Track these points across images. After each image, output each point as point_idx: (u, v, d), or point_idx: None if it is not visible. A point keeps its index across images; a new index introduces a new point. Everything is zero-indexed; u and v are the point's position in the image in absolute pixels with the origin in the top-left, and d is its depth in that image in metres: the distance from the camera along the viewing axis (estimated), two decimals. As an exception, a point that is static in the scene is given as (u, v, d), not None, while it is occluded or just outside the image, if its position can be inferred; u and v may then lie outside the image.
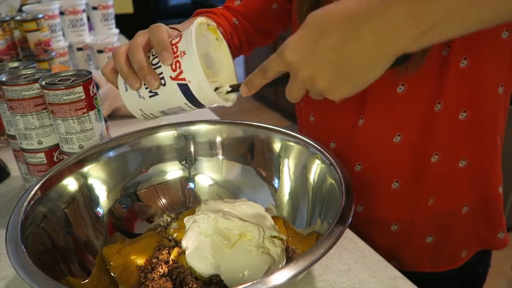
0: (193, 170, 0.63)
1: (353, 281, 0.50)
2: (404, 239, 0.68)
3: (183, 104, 0.47)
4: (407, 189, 0.65)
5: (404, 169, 0.64)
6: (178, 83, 0.44)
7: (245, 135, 0.62)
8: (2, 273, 0.54)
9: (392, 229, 0.68)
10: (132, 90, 0.49)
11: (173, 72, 0.44)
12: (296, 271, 0.35)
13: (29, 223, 0.44)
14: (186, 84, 0.44)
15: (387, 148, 0.63)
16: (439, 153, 0.62)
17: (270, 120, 3.12)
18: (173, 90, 0.45)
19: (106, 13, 1.32)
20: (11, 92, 0.59)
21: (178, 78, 0.44)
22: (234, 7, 0.73)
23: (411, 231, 0.68)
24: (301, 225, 0.54)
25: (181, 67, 0.44)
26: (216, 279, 0.47)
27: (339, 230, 0.39)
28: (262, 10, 0.72)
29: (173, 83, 0.45)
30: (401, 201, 0.66)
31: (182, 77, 0.44)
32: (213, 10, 0.72)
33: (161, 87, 0.46)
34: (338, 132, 0.67)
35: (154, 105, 0.48)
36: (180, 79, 0.44)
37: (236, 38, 0.72)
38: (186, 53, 0.44)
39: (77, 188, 0.53)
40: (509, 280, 1.62)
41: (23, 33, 1.00)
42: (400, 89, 0.58)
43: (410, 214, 0.66)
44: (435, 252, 0.69)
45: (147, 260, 0.51)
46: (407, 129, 0.61)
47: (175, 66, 0.44)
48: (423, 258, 0.69)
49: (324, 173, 0.52)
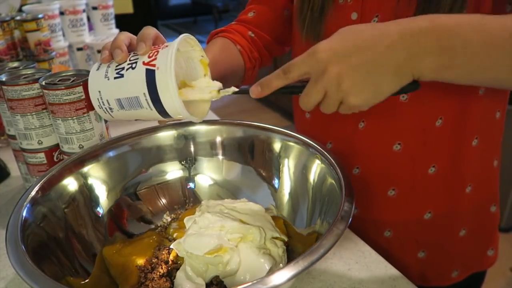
0: (193, 170, 0.63)
1: (353, 281, 0.50)
2: (396, 246, 0.68)
3: (142, 99, 0.46)
4: (404, 198, 0.64)
5: (401, 178, 0.64)
6: (147, 68, 0.45)
7: (245, 135, 0.62)
8: (2, 273, 0.54)
9: (385, 235, 0.68)
10: (102, 70, 0.49)
11: (148, 59, 0.46)
12: (296, 271, 0.35)
13: (29, 223, 0.44)
14: (153, 71, 0.45)
15: (386, 155, 0.62)
16: (436, 165, 0.62)
17: (270, 120, 3.12)
18: (139, 75, 0.46)
19: (106, 13, 1.32)
20: (11, 92, 0.59)
21: (149, 63, 0.45)
22: (248, 20, 0.73)
23: (404, 240, 0.67)
24: (301, 225, 0.54)
25: (157, 55, 0.45)
26: (216, 280, 0.47)
27: (339, 230, 0.39)
28: (275, 18, 0.72)
29: (142, 68, 0.46)
30: (396, 209, 0.66)
31: (153, 63, 0.45)
32: (227, 28, 0.72)
33: (129, 71, 0.46)
34: (336, 133, 0.67)
35: (114, 89, 0.48)
36: (151, 65, 0.45)
37: (256, 51, 0.72)
38: (168, 47, 0.46)
39: (77, 188, 0.53)
40: (508, 280, 1.62)
41: (23, 33, 1.00)
42: (403, 97, 0.58)
43: (404, 223, 0.66)
44: (426, 268, 0.69)
45: (147, 260, 0.51)
46: (408, 139, 0.61)
47: (152, 54, 0.46)
48: (413, 271, 0.69)
49: (324, 173, 0.52)
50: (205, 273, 0.47)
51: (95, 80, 0.49)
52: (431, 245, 0.67)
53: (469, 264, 0.71)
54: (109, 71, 0.48)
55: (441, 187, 0.63)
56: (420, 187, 0.63)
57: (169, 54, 0.44)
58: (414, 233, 0.67)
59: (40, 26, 1.00)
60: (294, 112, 0.79)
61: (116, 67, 0.47)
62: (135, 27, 0.64)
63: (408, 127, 0.60)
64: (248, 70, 0.71)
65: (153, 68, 0.45)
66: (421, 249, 0.67)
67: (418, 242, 0.67)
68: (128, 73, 0.46)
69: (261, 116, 3.24)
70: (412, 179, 0.63)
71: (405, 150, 0.61)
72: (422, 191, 0.64)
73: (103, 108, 0.50)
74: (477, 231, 0.68)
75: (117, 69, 0.47)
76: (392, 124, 0.61)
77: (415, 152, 0.61)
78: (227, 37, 0.70)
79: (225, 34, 0.70)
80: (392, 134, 0.62)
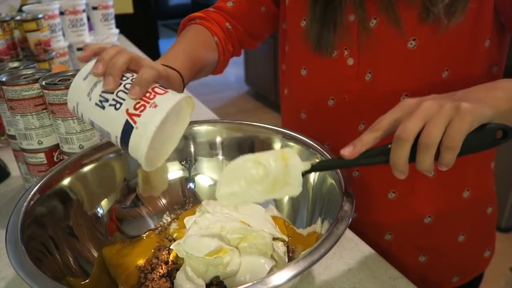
0: (193, 170, 0.63)
1: (353, 281, 0.50)
2: (397, 249, 0.68)
3: (113, 135, 0.45)
4: (404, 201, 0.64)
5: (401, 180, 0.63)
6: (128, 119, 0.43)
7: (245, 135, 0.62)
8: (2, 273, 0.54)
9: (385, 238, 0.68)
10: (87, 84, 0.46)
11: (133, 110, 0.43)
12: (296, 271, 0.35)
13: (29, 223, 0.44)
14: (132, 127, 0.43)
15: None
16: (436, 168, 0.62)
17: (270, 120, 3.12)
18: (119, 120, 0.44)
19: (106, 13, 1.32)
20: (11, 92, 0.59)
21: (131, 116, 0.43)
22: (226, 9, 0.72)
23: (405, 244, 0.67)
24: (301, 225, 0.54)
25: (142, 112, 0.43)
26: (217, 280, 0.47)
27: (339, 230, 0.39)
28: (252, 13, 0.73)
29: (124, 116, 0.43)
30: (396, 211, 0.65)
31: (135, 119, 0.43)
32: (205, 16, 0.71)
33: (111, 108, 0.44)
34: (334, 134, 0.66)
35: (91, 113, 0.46)
36: (132, 120, 0.43)
37: (230, 43, 0.72)
38: (156, 108, 0.43)
39: (77, 188, 0.53)
40: (507, 280, 1.62)
41: (23, 33, 1.00)
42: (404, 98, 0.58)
43: (404, 226, 0.66)
44: (426, 272, 0.69)
45: (147, 261, 0.51)
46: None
47: (139, 107, 0.43)
48: (413, 274, 0.68)
49: (324, 173, 0.52)
50: (205, 274, 0.47)
51: (78, 91, 0.47)
52: (432, 249, 0.67)
53: (469, 269, 0.71)
54: (93, 91, 0.45)
55: (441, 190, 0.64)
56: (420, 189, 0.63)
57: (154, 120, 0.42)
58: (414, 237, 0.67)
59: (40, 26, 1.00)
60: (282, 110, 0.78)
61: (101, 92, 0.45)
62: (135, 27, 0.64)
63: None
64: (220, 62, 0.71)
65: (133, 125, 0.43)
66: (422, 253, 0.67)
67: (418, 246, 0.67)
68: (109, 109, 0.44)
69: (261, 116, 3.24)
70: (412, 181, 0.63)
71: None
72: (422, 193, 0.64)
73: (75, 113, 0.48)
74: (475, 235, 0.69)
75: (101, 97, 0.45)
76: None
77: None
78: (205, 26, 0.69)
79: (204, 22, 0.70)
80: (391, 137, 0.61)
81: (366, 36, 0.57)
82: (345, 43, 0.59)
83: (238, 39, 0.74)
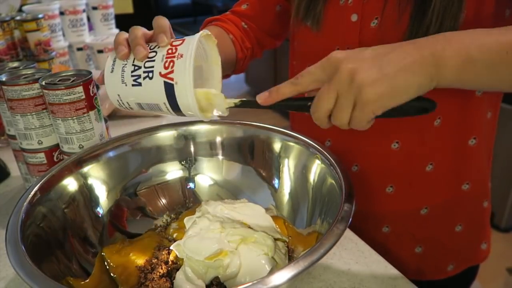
0: (193, 170, 0.63)
1: (353, 281, 0.50)
2: (394, 241, 0.69)
3: (161, 103, 0.47)
4: (401, 194, 0.65)
5: (399, 175, 0.65)
6: (165, 81, 0.45)
7: (245, 135, 0.62)
8: (2, 273, 0.54)
9: (383, 231, 0.69)
10: (117, 72, 0.48)
11: (164, 70, 0.45)
12: (296, 271, 0.35)
13: (29, 223, 0.44)
14: (172, 85, 0.45)
15: (384, 153, 0.63)
16: (433, 162, 0.62)
17: (270, 120, 3.12)
18: (158, 86, 0.46)
19: (106, 13, 1.32)
20: (11, 92, 0.59)
21: (167, 76, 0.45)
22: (241, 11, 0.74)
23: (402, 235, 0.68)
24: (301, 225, 0.54)
25: (173, 67, 0.45)
26: (216, 280, 0.47)
27: (339, 230, 0.39)
28: (267, 12, 0.74)
29: (160, 80, 0.45)
30: (394, 205, 0.66)
31: (171, 76, 0.45)
32: (221, 17, 0.73)
33: (147, 80, 0.46)
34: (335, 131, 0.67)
35: (133, 95, 0.48)
36: (169, 78, 0.45)
37: (248, 41, 0.73)
38: (183, 57, 0.45)
39: (77, 188, 0.53)
40: (506, 280, 1.62)
41: (23, 33, 1.00)
42: None
43: (401, 218, 0.67)
44: (422, 262, 0.70)
45: (147, 261, 0.51)
46: (406, 138, 0.62)
47: (168, 65, 0.45)
48: (409, 266, 0.69)
49: (324, 173, 0.52)
50: (205, 275, 0.47)
51: (113, 84, 0.49)
52: (428, 239, 0.68)
53: (464, 258, 0.72)
54: (125, 76, 0.47)
55: (438, 184, 0.64)
56: (417, 183, 0.64)
57: (187, 67, 0.44)
58: (411, 228, 0.67)
59: (40, 26, 1.00)
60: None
61: (132, 72, 0.47)
62: (135, 27, 0.64)
63: (406, 127, 0.61)
64: (239, 60, 0.72)
65: (171, 82, 0.45)
66: (418, 244, 0.68)
67: (415, 237, 0.68)
68: (146, 82, 0.46)
69: (261, 116, 3.23)
70: (410, 176, 0.64)
71: (403, 149, 0.62)
72: (420, 187, 0.65)
73: (123, 106, 0.51)
74: (472, 226, 0.69)
75: (134, 76, 0.47)
76: (390, 124, 0.61)
77: (413, 151, 0.62)
78: (220, 26, 0.71)
79: (218, 23, 0.72)
80: (390, 133, 0.62)
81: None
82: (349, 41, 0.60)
83: (257, 39, 0.75)
